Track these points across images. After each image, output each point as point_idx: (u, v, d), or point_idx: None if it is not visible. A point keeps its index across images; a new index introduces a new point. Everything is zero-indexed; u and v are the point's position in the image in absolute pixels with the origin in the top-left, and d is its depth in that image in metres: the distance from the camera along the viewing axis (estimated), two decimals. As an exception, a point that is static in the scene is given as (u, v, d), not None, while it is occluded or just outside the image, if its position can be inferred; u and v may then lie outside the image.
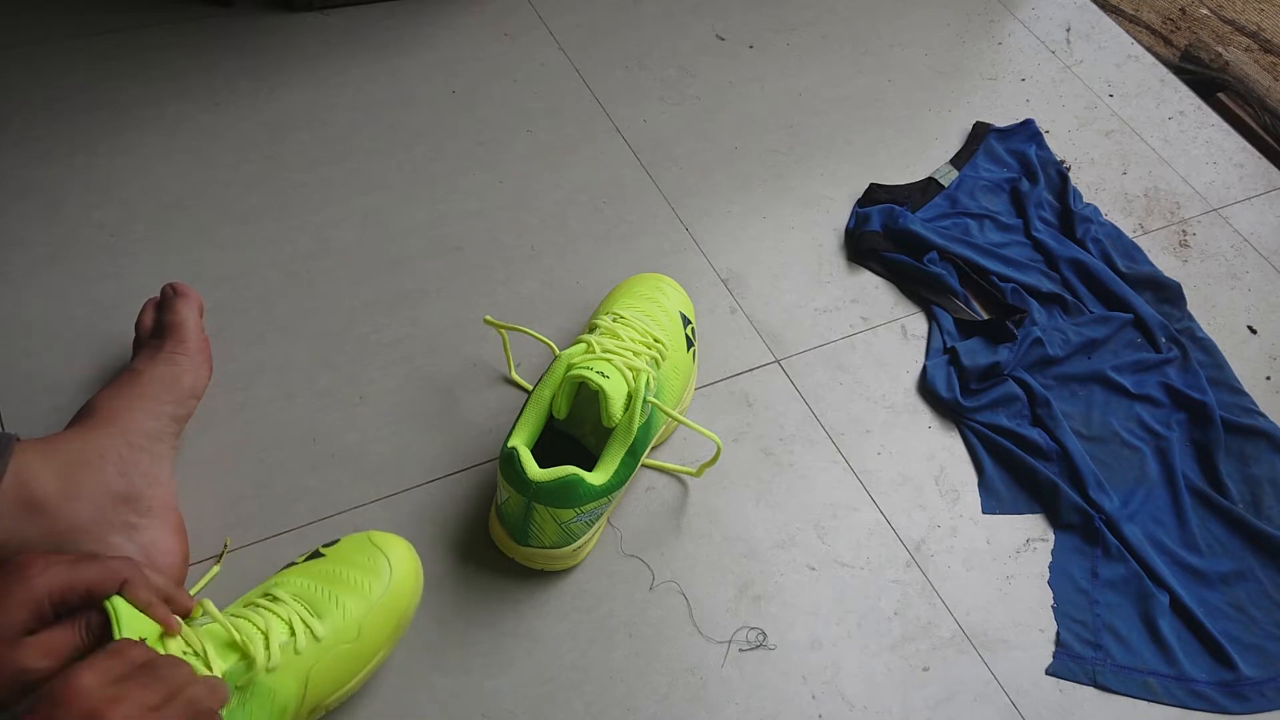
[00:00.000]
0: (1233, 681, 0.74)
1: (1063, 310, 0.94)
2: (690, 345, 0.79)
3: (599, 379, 0.66)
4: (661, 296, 0.79)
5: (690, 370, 0.80)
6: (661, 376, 0.73)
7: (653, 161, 0.98)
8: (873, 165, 1.03)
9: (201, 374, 0.70)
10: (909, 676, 0.71)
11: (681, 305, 0.80)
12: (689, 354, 0.79)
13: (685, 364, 0.78)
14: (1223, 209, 1.09)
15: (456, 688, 0.65)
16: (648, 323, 0.75)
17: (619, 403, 0.67)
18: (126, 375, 0.68)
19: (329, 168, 0.91)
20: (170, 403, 0.67)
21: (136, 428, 0.64)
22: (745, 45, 1.12)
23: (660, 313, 0.77)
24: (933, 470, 0.82)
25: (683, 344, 0.78)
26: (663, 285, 0.81)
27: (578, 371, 0.67)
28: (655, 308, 0.78)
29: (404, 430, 0.76)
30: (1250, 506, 0.84)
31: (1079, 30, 1.25)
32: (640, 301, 0.78)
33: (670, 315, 0.78)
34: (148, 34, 0.98)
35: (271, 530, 0.69)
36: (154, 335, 0.71)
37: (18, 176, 0.85)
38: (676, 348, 0.77)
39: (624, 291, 0.80)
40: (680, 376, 0.77)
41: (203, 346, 0.71)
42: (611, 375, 0.67)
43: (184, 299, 0.72)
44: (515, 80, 1.03)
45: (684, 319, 0.79)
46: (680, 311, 0.79)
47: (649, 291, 0.80)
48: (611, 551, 0.73)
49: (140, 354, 0.70)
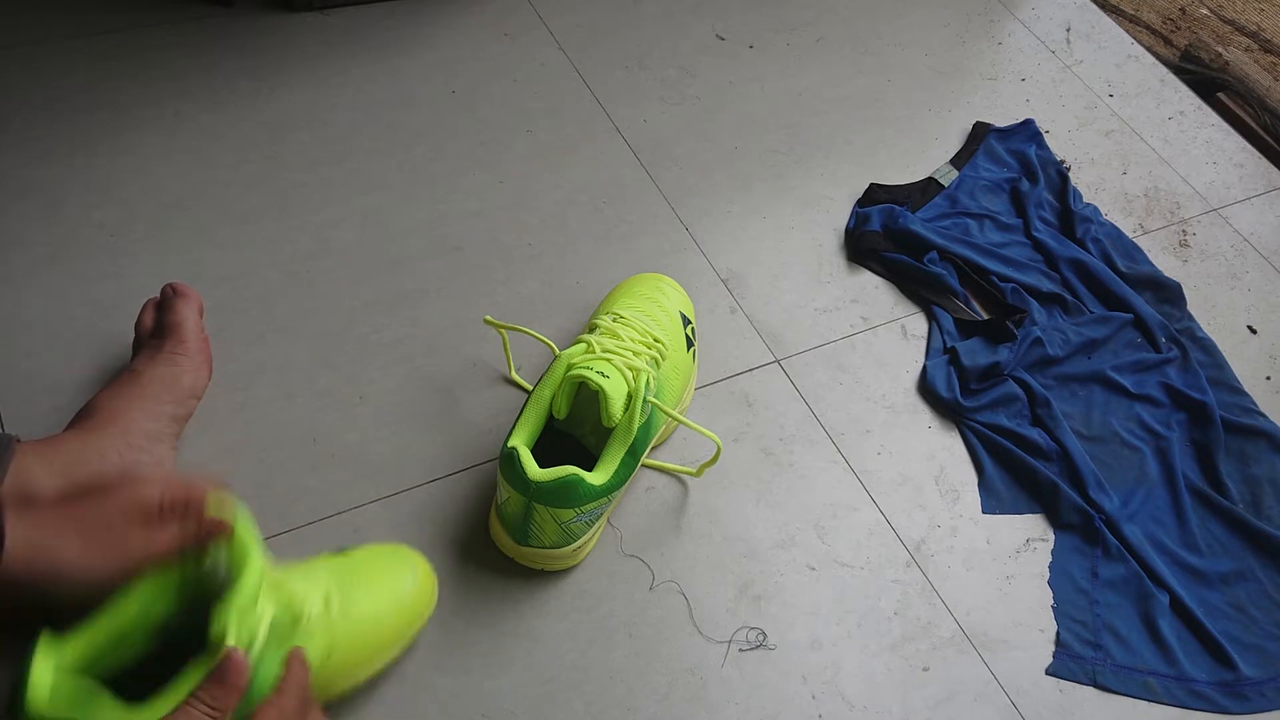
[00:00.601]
0: (1233, 681, 0.74)
1: (1063, 310, 0.94)
2: (690, 345, 0.79)
3: (599, 379, 0.66)
4: (662, 296, 0.79)
5: (690, 370, 0.79)
6: (661, 377, 0.73)
7: (653, 161, 0.98)
8: (873, 165, 1.03)
9: (201, 374, 0.70)
10: (909, 676, 0.71)
11: (681, 305, 0.80)
12: (689, 354, 0.79)
13: (685, 364, 0.78)
14: (1223, 209, 1.09)
15: (456, 688, 0.65)
16: (648, 322, 0.75)
17: (619, 403, 0.67)
18: (126, 376, 0.68)
19: (329, 168, 0.91)
20: (170, 403, 0.67)
21: (136, 428, 0.64)
22: (745, 45, 1.12)
23: (660, 312, 0.77)
24: (933, 470, 0.82)
25: (683, 344, 0.78)
26: (663, 285, 0.81)
27: (578, 371, 0.67)
28: (655, 307, 0.78)
29: (404, 430, 0.76)
30: (1250, 506, 0.84)
31: (1079, 30, 1.25)
32: (640, 301, 0.78)
33: (670, 315, 0.78)
34: (148, 34, 0.98)
35: (271, 530, 0.69)
36: (154, 335, 0.71)
37: (18, 176, 0.85)
38: (676, 348, 0.77)
39: (624, 291, 0.80)
40: (680, 377, 0.77)
41: (203, 346, 0.71)
42: (611, 375, 0.67)
43: (184, 299, 0.72)
44: (515, 80, 1.03)
45: (684, 319, 0.79)
46: (680, 311, 0.79)
47: (649, 291, 0.80)
48: (611, 551, 0.73)
49: (140, 354, 0.70)
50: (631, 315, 0.75)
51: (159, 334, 0.70)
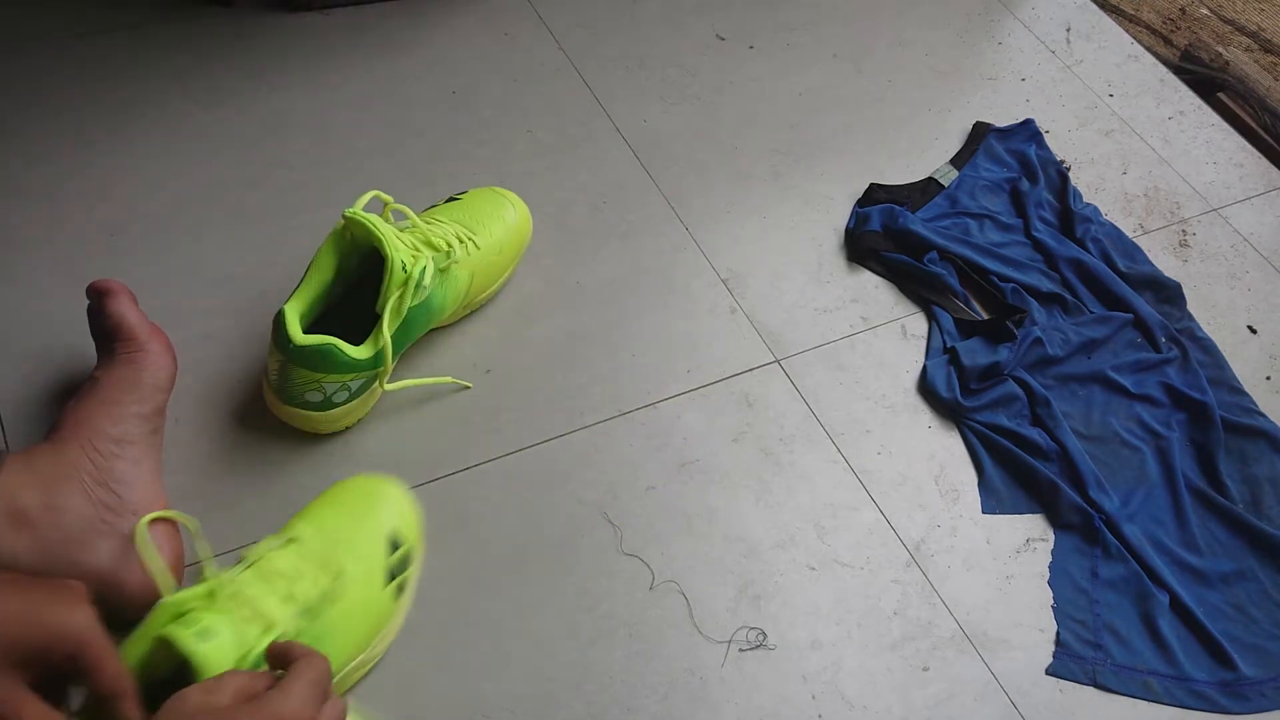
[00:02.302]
0: (1233, 681, 0.74)
1: (1063, 310, 0.94)
2: (395, 578, 0.64)
3: (193, 643, 0.51)
4: (372, 513, 0.65)
5: (388, 612, 0.64)
6: (331, 620, 0.59)
7: (653, 161, 0.98)
8: (873, 165, 1.03)
9: (162, 364, 0.68)
10: (909, 676, 0.71)
11: (398, 524, 0.66)
12: (387, 590, 0.63)
13: (376, 604, 0.62)
14: (1223, 209, 1.09)
15: (456, 688, 0.65)
16: (330, 544, 0.62)
17: (395, 281, 0.70)
18: (87, 384, 0.67)
19: (329, 168, 0.91)
20: (134, 403, 0.66)
21: (101, 434, 0.63)
22: (745, 45, 1.12)
23: (359, 533, 0.63)
24: (933, 470, 0.82)
25: (376, 578, 0.62)
26: (376, 501, 0.66)
27: (169, 632, 0.51)
28: (354, 527, 0.63)
29: (404, 429, 0.76)
30: (1250, 506, 0.84)
31: (1079, 30, 1.25)
32: (340, 517, 0.64)
33: (370, 537, 0.63)
34: (148, 34, 0.98)
35: (271, 530, 0.69)
36: (102, 339, 0.69)
37: (18, 176, 0.85)
38: (365, 581, 0.62)
39: (331, 501, 0.66)
40: (365, 620, 0.62)
41: (154, 335, 0.69)
42: (217, 635, 0.52)
43: (110, 296, 0.69)
44: (515, 80, 1.03)
45: (392, 543, 0.64)
46: (392, 534, 0.65)
47: (355, 504, 0.65)
48: (611, 551, 0.73)
49: (98, 361, 0.69)
50: (311, 537, 0.62)
51: (107, 337, 0.69)
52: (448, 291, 0.76)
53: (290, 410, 0.72)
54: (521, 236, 0.85)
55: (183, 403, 0.74)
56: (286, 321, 0.68)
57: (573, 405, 0.80)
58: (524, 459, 0.76)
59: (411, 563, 0.66)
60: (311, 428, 0.73)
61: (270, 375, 0.72)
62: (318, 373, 0.69)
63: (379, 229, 0.70)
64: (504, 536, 0.72)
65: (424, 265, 0.72)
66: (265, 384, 0.73)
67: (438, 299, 0.75)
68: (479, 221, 0.81)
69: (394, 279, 0.70)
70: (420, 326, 0.76)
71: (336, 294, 0.74)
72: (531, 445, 0.77)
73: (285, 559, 0.58)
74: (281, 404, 0.72)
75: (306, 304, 0.71)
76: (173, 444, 0.71)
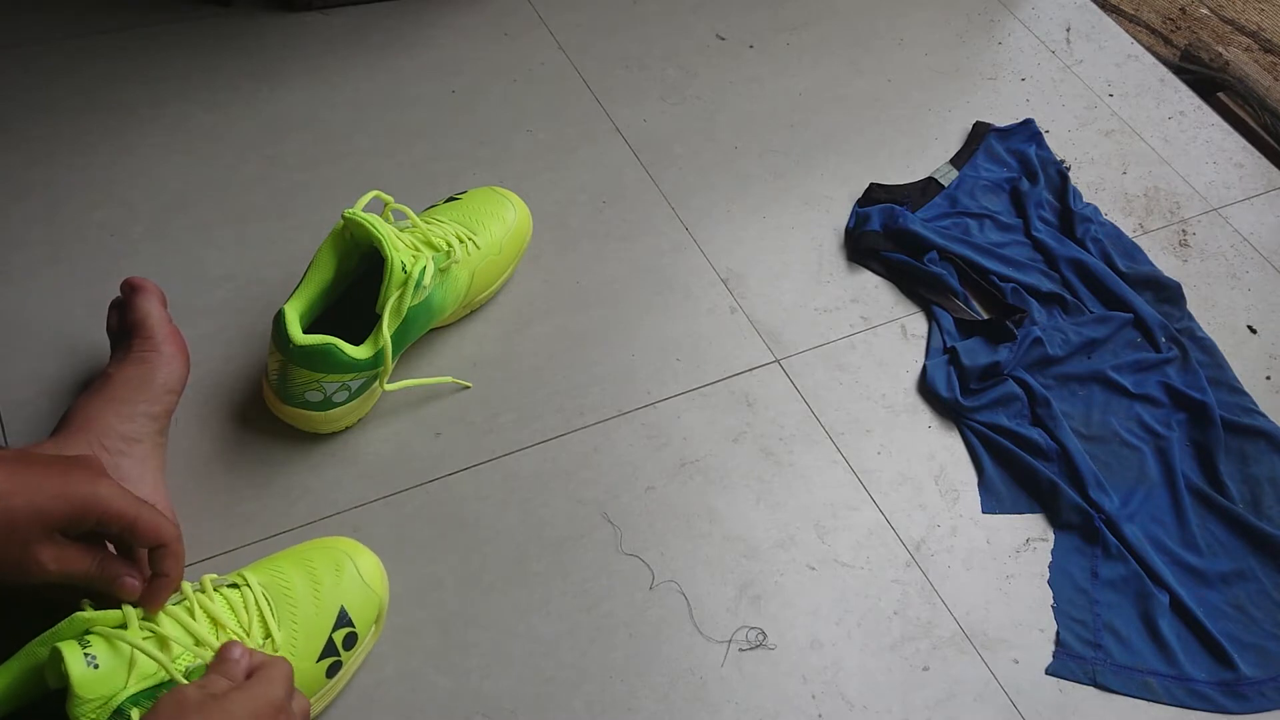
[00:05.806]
0: (1233, 681, 0.74)
1: (1063, 310, 0.94)
2: (330, 655, 0.59)
3: (77, 664, 0.49)
4: (333, 583, 0.61)
5: (309, 688, 0.59)
6: None
7: (653, 161, 0.98)
8: (873, 165, 1.03)
9: (175, 367, 0.68)
10: (909, 676, 0.71)
11: (357, 601, 0.61)
12: (319, 666, 0.59)
13: (307, 677, 0.58)
14: (1223, 209, 1.09)
15: (456, 688, 0.65)
16: (293, 611, 0.59)
17: (394, 280, 0.70)
18: (99, 380, 0.67)
19: (329, 168, 0.91)
20: (144, 402, 0.66)
21: (111, 432, 0.63)
22: (745, 45, 1.12)
23: (309, 600, 0.59)
24: (933, 470, 0.82)
25: (309, 650, 0.58)
26: (342, 572, 0.62)
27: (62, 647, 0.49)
28: (309, 592, 0.60)
29: (404, 430, 0.76)
30: (1250, 506, 0.84)
31: (1079, 30, 1.25)
32: (298, 578, 0.60)
33: (321, 609, 0.60)
34: (148, 34, 0.98)
35: (271, 530, 0.69)
36: (121, 335, 0.69)
37: (18, 177, 0.85)
38: (290, 651, 0.57)
39: (297, 557, 0.62)
40: None
41: (171, 338, 0.69)
42: (100, 667, 0.49)
43: (142, 293, 0.69)
44: (515, 80, 1.03)
45: (343, 617, 0.60)
46: (345, 611, 0.60)
47: (321, 570, 0.62)
48: (611, 551, 0.73)
49: (112, 357, 0.69)
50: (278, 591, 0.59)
51: (126, 333, 0.69)
52: (448, 291, 0.76)
53: (290, 410, 0.72)
54: (521, 236, 0.85)
55: (183, 402, 0.74)
56: (286, 321, 0.68)
57: (572, 405, 0.80)
58: (524, 459, 0.76)
59: (356, 646, 0.61)
60: (311, 428, 0.73)
61: (270, 375, 0.72)
62: (318, 373, 0.69)
63: (379, 229, 0.70)
64: (504, 536, 0.72)
65: (424, 265, 0.72)
66: (265, 384, 0.73)
67: (438, 299, 0.75)
68: (479, 221, 0.81)
69: (394, 279, 0.70)
70: (420, 326, 0.76)
71: (336, 294, 0.74)
72: (531, 445, 0.77)
73: (218, 603, 0.56)
74: (281, 404, 0.72)
75: (306, 304, 0.71)
76: (173, 443, 0.71)
